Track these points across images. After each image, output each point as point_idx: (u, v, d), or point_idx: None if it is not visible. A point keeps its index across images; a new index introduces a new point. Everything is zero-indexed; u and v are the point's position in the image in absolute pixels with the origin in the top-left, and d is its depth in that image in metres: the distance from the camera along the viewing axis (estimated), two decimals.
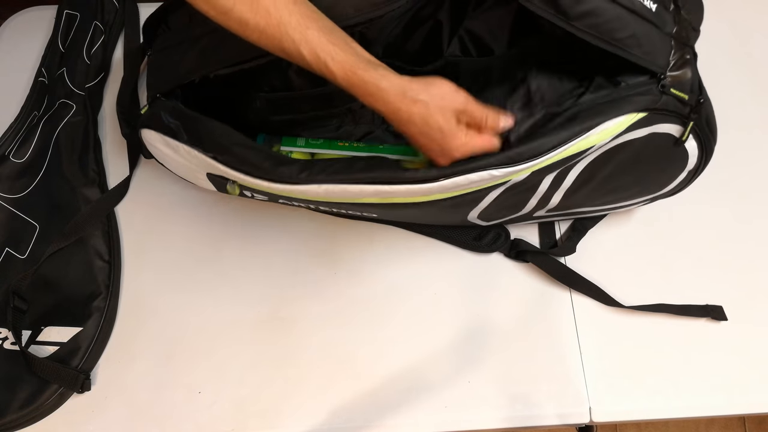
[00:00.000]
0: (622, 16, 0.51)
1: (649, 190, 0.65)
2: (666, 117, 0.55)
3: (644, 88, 0.53)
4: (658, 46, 0.53)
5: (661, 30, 0.53)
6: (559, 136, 0.53)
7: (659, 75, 0.53)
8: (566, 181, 0.60)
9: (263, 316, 0.68)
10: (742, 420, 1.25)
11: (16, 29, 0.86)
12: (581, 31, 0.51)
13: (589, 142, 0.53)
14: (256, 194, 0.60)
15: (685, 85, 0.54)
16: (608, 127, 0.53)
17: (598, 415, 0.64)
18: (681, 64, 0.54)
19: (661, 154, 0.59)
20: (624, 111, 0.53)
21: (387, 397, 0.64)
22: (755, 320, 0.67)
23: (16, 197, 0.73)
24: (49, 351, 0.66)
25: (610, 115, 0.53)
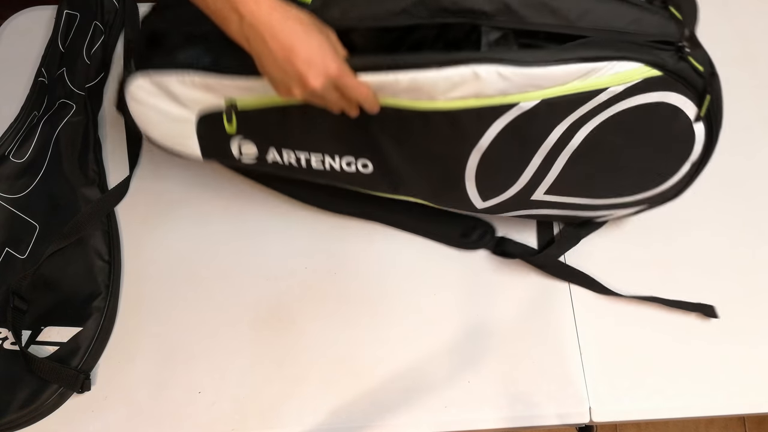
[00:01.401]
0: (614, 8, 0.52)
1: (650, 182, 0.62)
2: (680, 86, 0.53)
3: (662, 47, 0.52)
4: (664, 25, 0.52)
5: (660, 15, 0.53)
6: (574, 52, 0.51)
7: (676, 42, 0.52)
8: (573, 141, 0.56)
9: (263, 316, 0.68)
10: (742, 420, 1.25)
11: (16, 29, 0.86)
12: (584, 30, 0.51)
13: (602, 82, 0.52)
14: (252, 137, 0.60)
15: (699, 57, 0.53)
16: (622, 70, 0.51)
17: (598, 415, 0.64)
18: (692, 38, 0.53)
19: (668, 130, 0.57)
20: (641, 58, 0.51)
21: (387, 397, 0.64)
22: (755, 320, 0.67)
23: (16, 197, 0.73)
24: (49, 351, 0.66)
25: (627, 54, 0.51)
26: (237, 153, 0.61)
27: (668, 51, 0.52)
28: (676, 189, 0.63)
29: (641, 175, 0.61)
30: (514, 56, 0.51)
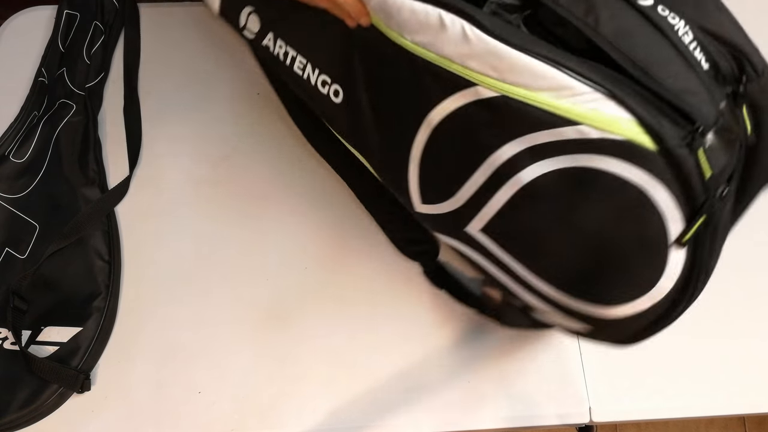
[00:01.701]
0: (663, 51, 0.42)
1: (594, 294, 0.47)
2: (671, 180, 0.40)
3: (677, 118, 0.40)
4: (706, 100, 0.41)
5: (708, 88, 0.42)
6: (552, 52, 0.41)
7: (697, 125, 0.39)
8: (523, 174, 0.45)
9: (263, 315, 0.68)
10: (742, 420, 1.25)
11: (16, 29, 0.86)
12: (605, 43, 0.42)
13: (575, 112, 0.41)
14: (261, 14, 0.57)
15: (716, 160, 0.40)
16: (605, 110, 0.40)
17: (598, 415, 0.64)
18: (725, 137, 0.41)
19: (636, 236, 0.43)
20: (635, 108, 0.40)
21: (387, 397, 0.64)
22: (756, 320, 0.67)
23: (16, 197, 0.73)
24: (49, 351, 0.66)
25: (618, 93, 0.40)
26: (243, 22, 0.59)
27: (680, 127, 0.40)
28: (625, 331, 0.48)
29: (586, 277, 0.47)
30: (483, 18, 0.43)
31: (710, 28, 0.43)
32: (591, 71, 0.41)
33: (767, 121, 0.44)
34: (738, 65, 0.43)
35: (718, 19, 0.44)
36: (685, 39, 0.42)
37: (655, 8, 0.42)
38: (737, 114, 0.43)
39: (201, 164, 0.76)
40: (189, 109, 0.80)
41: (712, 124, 0.40)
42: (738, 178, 0.44)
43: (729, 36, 0.43)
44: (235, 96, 0.80)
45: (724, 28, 0.44)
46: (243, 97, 0.80)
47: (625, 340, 0.50)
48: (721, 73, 0.42)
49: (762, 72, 0.43)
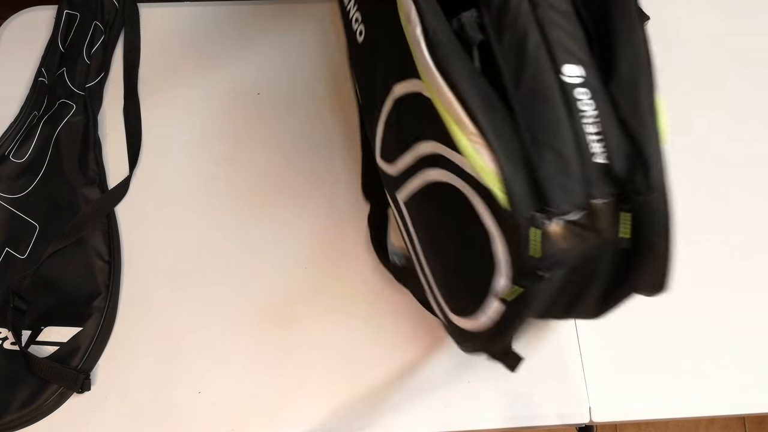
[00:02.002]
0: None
1: (449, 299, 0.52)
2: (511, 246, 0.43)
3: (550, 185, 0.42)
4: (572, 185, 0.42)
5: (587, 180, 0.42)
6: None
7: (544, 208, 0.41)
8: (429, 173, 0.49)
9: (263, 316, 0.68)
10: (742, 420, 1.25)
11: (16, 29, 0.86)
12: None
13: (460, 140, 0.43)
14: None
15: (550, 247, 0.42)
16: (481, 155, 0.42)
17: (598, 415, 0.64)
18: (576, 231, 0.42)
19: (476, 267, 0.46)
20: (503, 167, 0.42)
21: (387, 397, 0.64)
22: (755, 320, 0.67)
23: (16, 197, 0.73)
24: (49, 351, 0.66)
25: (496, 145, 0.42)
26: None
27: (534, 202, 0.42)
28: (465, 340, 0.52)
29: (447, 280, 0.53)
30: (435, 32, 0.45)
31: (631, 127, 0.44)
32: (489, 116, 0.43)
33: (646, 237, 0.45)
34: (632, 173, 0.43)
35: (644, 123, 0.44)
36: (588, 128, 0.43)
37: (574, 88, 0.43)
38: (616, 216, 0.44)
39: (201, 164, 0.76)
40: (189, 109, 0.80)
41: (561, 213, 0.42)
42: (606, 279, 0.47)
43: (642, 143, 0.43)
44: (235, 96, 0.80)
45: (644, 133, 0.44)
46: (243, 97, 0.80)
47: (464, 348, 0.55)
48: (614, 173, 0.43)
49: (653, 189, 0.44)
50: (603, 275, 0.47)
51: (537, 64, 0.43)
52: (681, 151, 0.77)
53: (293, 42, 0.84)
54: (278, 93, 0.81)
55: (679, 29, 0.84)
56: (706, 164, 0.76)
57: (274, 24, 0.86)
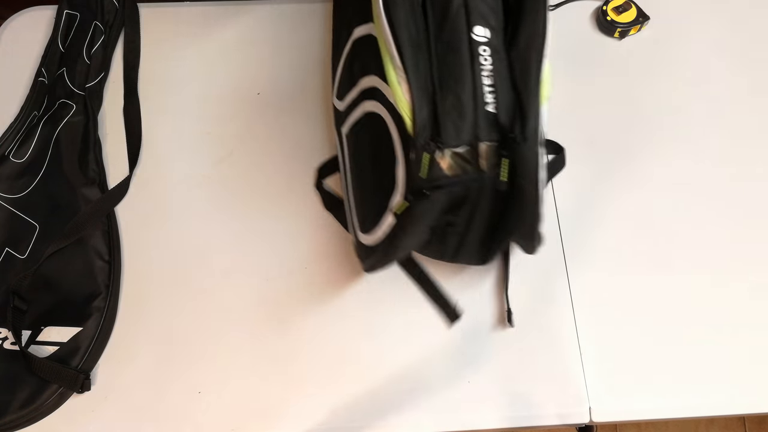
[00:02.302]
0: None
1: (360, 219, 0.62)
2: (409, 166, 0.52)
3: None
4: (464, 125, 0.51)
5: (476, 123, 0.51)
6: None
7: (437, 139, 0.51)
8: (365, 105, 0.59)
9: (263, 315, 0.68)
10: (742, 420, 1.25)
11: (16, 29, 0.86)
12: None
13: (390, 75, 0.53)
14: None
15: (436, 172, 0.51)
16: (402, 89, 0.52)
17: (598, 415, 0.64)
18: (460, 164, 0.51)
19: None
20: (415, 102, 0.51)
21: (387, 397, 0.64)
22: (755, 320, 0.67)
23: (16, 197, 0.73)
24: (49, 351, 0.66)
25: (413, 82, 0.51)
26: None
27: (431, 131, 0.51)
28: (366, 255, 0.61)
29: (362, 202, 0.62)
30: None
31: (518, 87, 0.52)
32: (413, 56, 0.52)
33: (518, 182, 0.52)
34: (512, 124, 0.52)
35: (528, 85, 0.52)
36: (485, 80, 0.52)
37: (479, 45, 0.52)
38: (498, 160, 0.52)
39: (201, 164, 0.76)
40: (189, 109, 0.80)
41: (449, 145, 0.51)
42: (487, 218, 0.56)
43: (524, 101, 0.52)
44: (235, 96, 0.80)
45: (526, 93, 0.52)
46: (243, 97, 0.80)
47: (365, 265, 0.64)
48: (499, 121, 0.52)
49: (527, 139, 0.51)
50: (484, 214, 0.55)
51: (455, 22, 0.52)
52: (681, 149, 0.77)
53: (293, 42, 0.84)
54: (278, 93, 0.81)
55: (679, 29, 0.84)
56: (707, 164, 0.76)
57: (274, 24, 0.86)
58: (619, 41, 0.84)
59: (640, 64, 0.82)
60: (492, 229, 0.58)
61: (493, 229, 0.58)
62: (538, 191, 0.53)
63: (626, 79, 0.81)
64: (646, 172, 0.75)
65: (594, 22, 0.85)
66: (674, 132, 0.78)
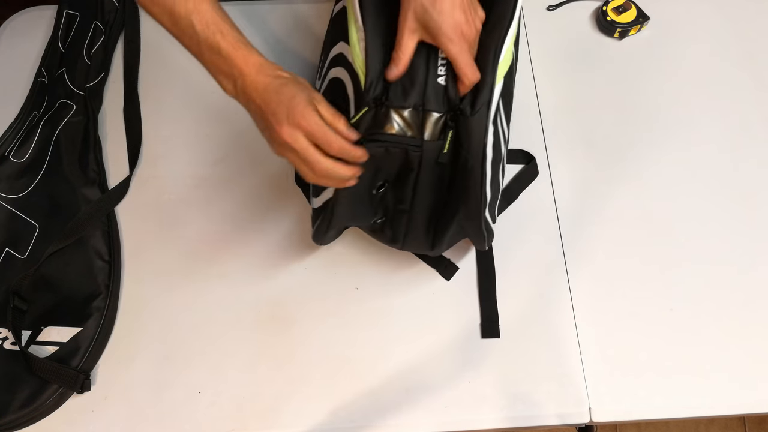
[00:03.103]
0: None
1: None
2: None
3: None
4: (413, 91, 0.53)
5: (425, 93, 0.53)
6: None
7: (381, 98, 0.53)
8: (330, 71, 0.63)
9: (263, 316, 0.68)
10: (742, 420, 1.25)
11: (16, 29, 0.86)
12: None
13: (352, 36, 0.55)
14: None
15: (365, 125, 0.53)
16: (360, 49, 0.54)
17: (598, 415, 0.64)
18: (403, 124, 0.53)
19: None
20: (368, 61, 0.53)
21: (387, 397, 0.64)
22: (755, 320, 0.67)
23: (16, 197, 0.73)
24: (49, 351, 0.66)
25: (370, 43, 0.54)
26: None
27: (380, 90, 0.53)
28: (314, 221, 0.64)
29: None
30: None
31: (477, 60, 0.53)
32: (375, 21, 0.54)
33: (462, 156, 0.53)
34: (463, 97, 0.53)
35: (486, 60, 0.53)
36: (440, 52, 0.53)
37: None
38: (444, 132, 0.53)
39: (201, 164, 0.76)
40: (189, 109, 0.80)
41: (394, 106, 0.53)
42: (431, 194, 0.57)
43: (481, 73, 0.53)
44: None
45: (483, 67, 0.53)
46: None
47: (314, 233, 0.64)
48: (448, 95, 0.53)
49: (475, 112, 0.52)
50: (427, 187, 0.56)
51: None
52: (682, 149, 0.77)
53: (293, 42, 0.84)
54: None
55: (679, 29, 0.84)
56: (707, 163, 0.76)
57: (274, 24, 0.86)
58: (619, 41, 0.84)
59: (640, 64, 0.82)
60: (438, 208, 0.59)
61: (439, 210, 0.59)
62: (483, 169, 0.54)
63: (626, 79, 0.81)
64: (646, 172, 0.75)
65: (594, 22, 0.85)
66: (674, 132, 0.78)
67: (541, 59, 0.82)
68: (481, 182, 0.54)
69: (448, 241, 0.63)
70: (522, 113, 0.78)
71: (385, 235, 0.64)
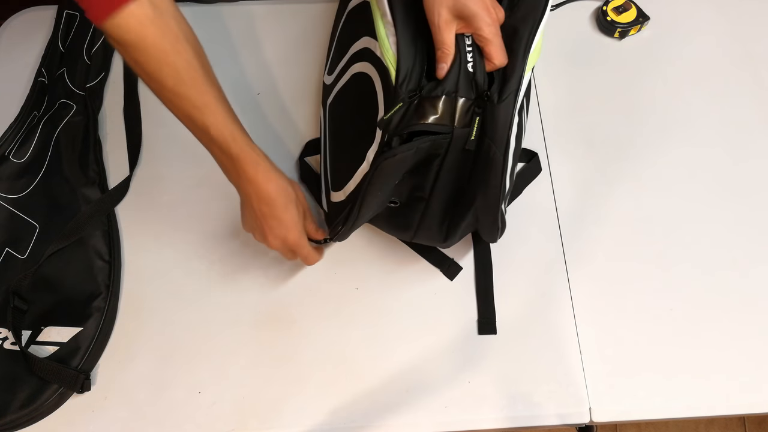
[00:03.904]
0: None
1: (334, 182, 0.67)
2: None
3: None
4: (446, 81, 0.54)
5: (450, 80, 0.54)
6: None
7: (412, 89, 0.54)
8: (353, 67, 0.64)
9: (263, 316, 0.68)
10: (742, 420, 1.25)
11: (16, 29, 0.86)
12: None
13: (380, 30, 0.56)
14: None
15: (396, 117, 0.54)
16: (390, 43, 0.55)
17: (598, 415, 0.64)
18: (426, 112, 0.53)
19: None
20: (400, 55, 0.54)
21: (387, 397, 0.64)
22: (755, 320, 0.67)
23: (16, 197, 0.73)
24: (49, 351, 0.66)
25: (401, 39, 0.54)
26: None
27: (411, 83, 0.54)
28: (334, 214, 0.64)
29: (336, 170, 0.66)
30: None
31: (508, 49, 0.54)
32: (404, 15, 0.55)
33: (486, 144, 0.53)
34: (491, 84, 0.54)
35: (516, 50, 0.54)
36: (467, 40, 0.54)
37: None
38: (471, 118, 0.53)
39: (201, 164, 0.76)
40: None
41: (429, 95, 0.53)
42: (453, 181, 0.57)
43: (511, 62, 0.54)
44: (235, 96, 0.80)
45: (513, 57, 0.54)
46: (243, 97, 0.80)
47: (332, 230, 0.64)
48: (476, 80, 0.54)
49: (502, 100, 0.53)
50: (450, 174, 0.56)
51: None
52: (682, 149, 0.77)
53: (293, 42, 0.84)
54: (278, 93, 0.81)
55: (679, 29, 0.84)
56: (707, 163, 0.76)
57: (274, 24, 0.86)
58: (619, 41, 0.84)
59: (640, 64, 0.82)
60: (456, 198, 0.59)
61: (457, 200, 0.59)
62: (506, 158, 0.54)
63: (626, 79, 0.81)
64: (645, 172, 0.75)
65: (594, 22, 0.85)
66: (674, 131, 0.78)
67: (541, 59, 0.82)
68: (502, 172, 0.54)
69: (461, 233, 0.63)
70: None
71: (395, 223, 0.63)
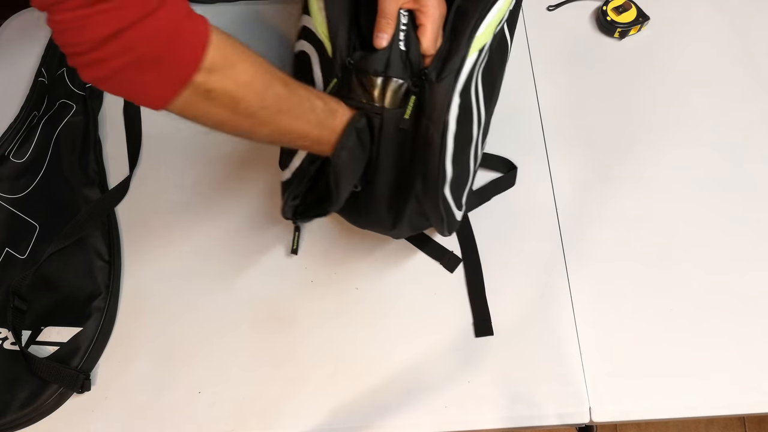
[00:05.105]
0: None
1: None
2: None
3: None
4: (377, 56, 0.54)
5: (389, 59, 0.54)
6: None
7: (348, 61, 0.54)
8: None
9: (263, 316, 0.68)
10: (742, 420, 1.25)
11: (16, 29, 0.86)
12: None
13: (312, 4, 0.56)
14: None
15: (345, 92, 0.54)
16: (322, 16, 0.55)
17: (598, 415, 0.64)
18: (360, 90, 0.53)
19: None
20: (331, 27, 0.55)
21: (387, 397, 0.64)
22: (755, 320, 0.67)
23: (16, 197, 0.73)
24: (49, 351, 0.66)
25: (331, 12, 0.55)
26: None
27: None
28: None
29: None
30: None
31: (455, 30, 0.53)
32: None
33: (423, 125, 0.52)
34: (425, 64, 0.53)
35: (464, 29, 0.53)
36: (403, 19, 0.53)
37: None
38: (406, 98, 0.53)
39: (201, 164, 0.76)
40: None
41: (361, 72, 0.53)
42: (393, 161, 0.56)
43: (455, 43, 0.53)
44: None
45: (458, 36, 0.53)
46: None
47: (282, 206, 0.61)
48: (410, 59, 0.53)
49: (441, 80, 0.51)
50: (389, 156, 0.55)
51: None
52: (682, 149, 0.77)
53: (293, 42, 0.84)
54: None
55: (679, 29, 0.84)
56: (707, 163, 0.76)
57: (274, 24, 0.86)
58: (619, 41, 0.84)
59: (640, 64, 0.82)
60: (399, 182, 0.57)
61: (401, 183, 0.58)
62: (444, 140, 0.52)
63: (626, 79, 0.81)
64: (646, 172, 0.75)
65: (594, 22, 0.85)
66: (675, 131, 0.78)
67: (541, 59, 0.82)
68: (440, 154, 0.53)
69: (409, 222, 0.60)
70: (522, 113, 0.78)
71: (350, 211, 0.62)
